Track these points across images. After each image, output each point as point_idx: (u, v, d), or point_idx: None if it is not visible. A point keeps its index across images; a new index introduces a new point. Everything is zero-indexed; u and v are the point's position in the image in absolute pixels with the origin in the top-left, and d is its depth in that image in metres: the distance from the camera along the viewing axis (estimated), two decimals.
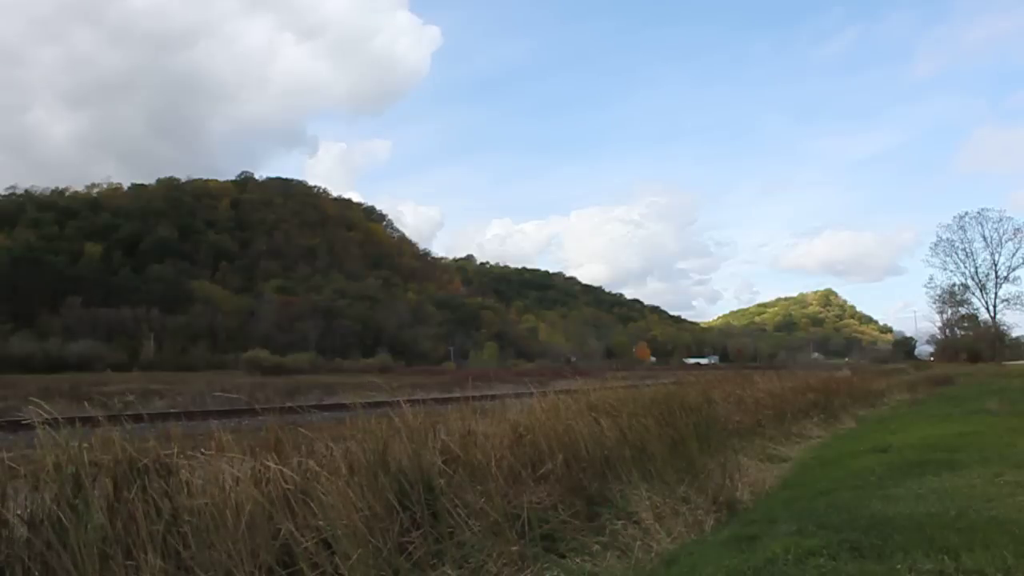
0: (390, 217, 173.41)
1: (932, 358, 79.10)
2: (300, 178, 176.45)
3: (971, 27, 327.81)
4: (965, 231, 62.82)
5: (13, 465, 3.51)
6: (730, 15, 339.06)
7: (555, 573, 4.28)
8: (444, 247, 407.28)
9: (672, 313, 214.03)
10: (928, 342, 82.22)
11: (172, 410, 17.16)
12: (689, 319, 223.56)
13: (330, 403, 16.67)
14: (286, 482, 3.93)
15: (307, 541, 3.69)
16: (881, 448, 8.43)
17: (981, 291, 63.41)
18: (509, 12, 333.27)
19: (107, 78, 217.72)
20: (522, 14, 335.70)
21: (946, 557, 3.62)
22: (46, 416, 3.67)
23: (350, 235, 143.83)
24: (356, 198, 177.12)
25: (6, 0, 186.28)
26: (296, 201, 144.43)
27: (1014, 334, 66.00)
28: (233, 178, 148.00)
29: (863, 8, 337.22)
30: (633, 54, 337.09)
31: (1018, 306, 61.32)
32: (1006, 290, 61.82)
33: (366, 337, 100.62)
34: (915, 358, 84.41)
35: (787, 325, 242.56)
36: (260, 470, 3.98)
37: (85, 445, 3.64)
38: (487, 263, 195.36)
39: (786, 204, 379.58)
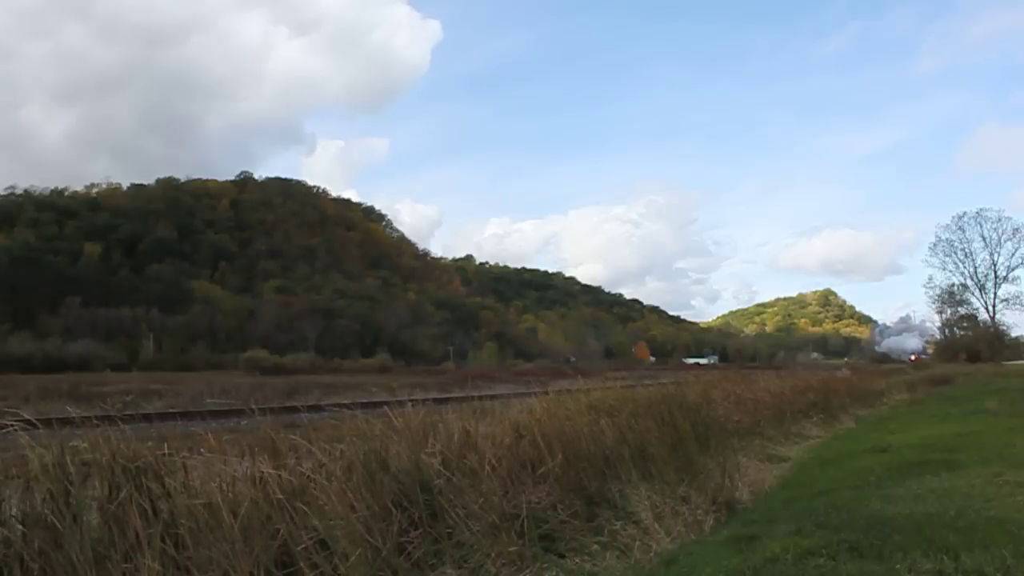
0: (388, 216, 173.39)
1: (912, 358, 78.34)
2: (298, 176, 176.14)
3: (974, 23, 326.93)
4: (964, 231, 62.75)
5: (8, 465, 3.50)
6: (730, 10, 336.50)
7: (554, 573, 4.28)
8: (442, 246, 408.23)
9: (671, 313, 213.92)
10: (928, 341, 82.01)
11: (171, 410, 17.13)
12: (688, 319, 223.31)
13: (329, 403, 16.64)
14: (283, 483, 3.92)
15: (305, 541, 3.68)
16: (880, 448, 8.43)
17: (980, 291, 63.37)
18: (508, 7, 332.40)
19: (99, 75, 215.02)
20: (521, 9, 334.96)
21: (945, 557, 3.62)
22: (31, 418, 3.67)
23: (349, 235, 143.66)
24: (354, 196, 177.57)
25: None
26: (295, 201, 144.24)
27: (1013, 334, 66.04)
28: (232, 178, 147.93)
29: (865, 3, 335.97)
30: (633, 51, 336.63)
31: (1017, 306, 61.30)
32: (1005, 290, 61.79)
33: (365, 337, 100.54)
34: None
35: (786, 325, 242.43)
36: (257, 471, 3.96)
37: (83, 445, 3.63)
38: (486, 263, 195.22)
39: (786, 203, 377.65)
